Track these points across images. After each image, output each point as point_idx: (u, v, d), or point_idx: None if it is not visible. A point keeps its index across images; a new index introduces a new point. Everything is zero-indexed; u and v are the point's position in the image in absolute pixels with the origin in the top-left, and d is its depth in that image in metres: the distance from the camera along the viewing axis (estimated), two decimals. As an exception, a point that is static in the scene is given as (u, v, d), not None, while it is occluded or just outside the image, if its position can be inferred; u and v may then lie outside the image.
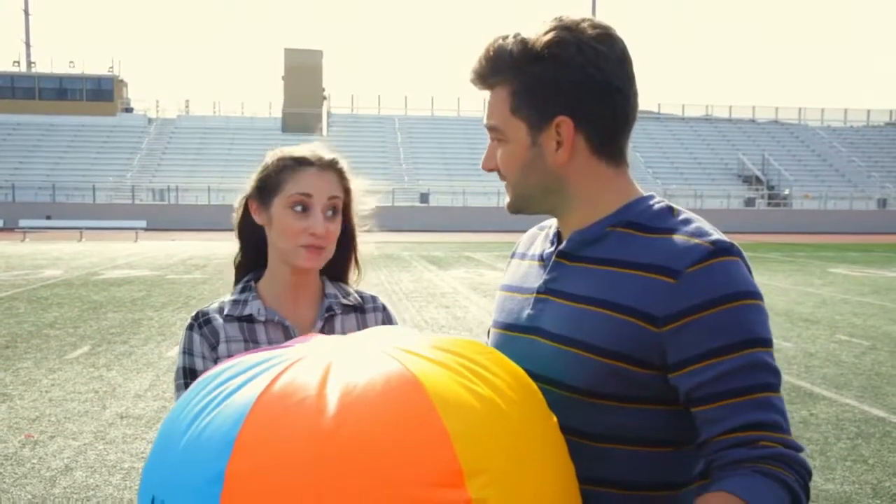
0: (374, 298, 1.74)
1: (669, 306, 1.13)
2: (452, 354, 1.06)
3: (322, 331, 1.62)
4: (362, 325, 1.67)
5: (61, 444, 4.82)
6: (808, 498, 1.08)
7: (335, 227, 1.59)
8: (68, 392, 6.07)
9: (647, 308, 1.14)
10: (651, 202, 1.26)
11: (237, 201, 1.66)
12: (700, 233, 1.17)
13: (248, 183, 1.64)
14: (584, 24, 1.20)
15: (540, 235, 1.41)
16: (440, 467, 0.90)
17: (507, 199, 1.32)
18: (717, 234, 1.17)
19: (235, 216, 1.67)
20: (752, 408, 1.10)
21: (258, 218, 1.61)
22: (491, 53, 1.23)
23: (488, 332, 1.49)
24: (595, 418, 1.19)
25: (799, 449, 1.10)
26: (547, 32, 1.19)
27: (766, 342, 1.14)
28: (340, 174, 1.61)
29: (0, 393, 6.03)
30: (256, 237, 1.65)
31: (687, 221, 1.21)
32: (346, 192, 1.63)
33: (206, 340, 1.57)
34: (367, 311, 1.70)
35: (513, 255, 1.47)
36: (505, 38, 1.23)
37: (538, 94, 1.20)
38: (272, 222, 1.58)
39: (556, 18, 1.21)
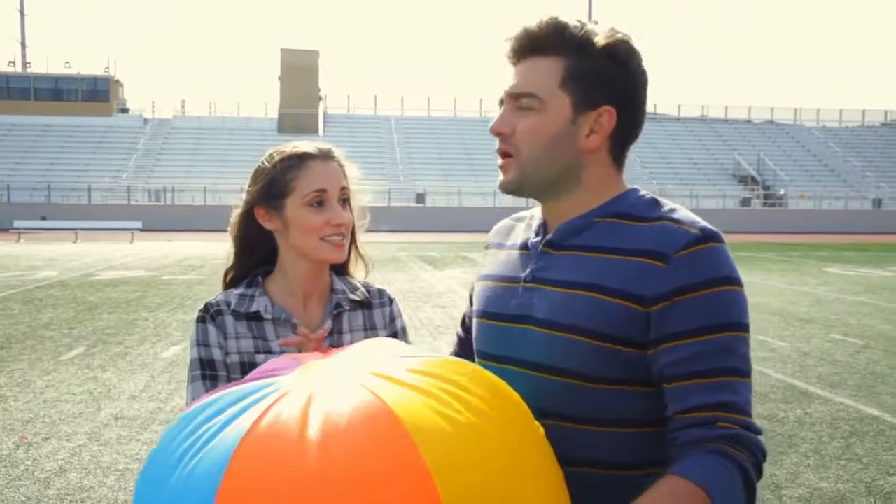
0: (381, 293, 1.72)
1: (658, 288, 1.17)
2: (431, 378, 1.06)
3: (330, 328, 1.61)
4: (369, 322, 1.67)
5: (55, 445, 4.81)
6: (759, 477, 1.14)
7: (350, 217, 1.59)
8: (63, 393, 6.06)
9: (636, 290, 1.19)
10: (639, 193, 1.31)
11: (234, 215, 1.62)
12: (687, 220, 1.23)
13: (247, 193, 1.59)
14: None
15: (518, 226, 1.44)
16: (422, 502, 0.91)
17: (505, 175, 1.30)
18: (703, 222, 1.23)
19: (234, 229, 1.63)
20: (714, 389, 1.14)
21: (269, 224, 1.58)
22: (553, 25, 1.26)
23: (463, 319, 1.51)
24: (588, 402, 1.22)
25: (757, 431, 1.15)
26: (610, 34, 1.25)
27: (744, 327, 1.18)
28: (339, 163, 1.60)
29: (-6, 394, 6.02)
30: (262, 245, 1.62)
31: (673, 210, 1.27)
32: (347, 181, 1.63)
33: (220, 331, 1.57)
34: (373, 307, 1.69)
35: (488, 247, 1.49)
36: (563, 20, 1.26)
37: (594, 79, 1.24)
38: (289, 224, 1.55)
39: (611, 28, 1.28)
